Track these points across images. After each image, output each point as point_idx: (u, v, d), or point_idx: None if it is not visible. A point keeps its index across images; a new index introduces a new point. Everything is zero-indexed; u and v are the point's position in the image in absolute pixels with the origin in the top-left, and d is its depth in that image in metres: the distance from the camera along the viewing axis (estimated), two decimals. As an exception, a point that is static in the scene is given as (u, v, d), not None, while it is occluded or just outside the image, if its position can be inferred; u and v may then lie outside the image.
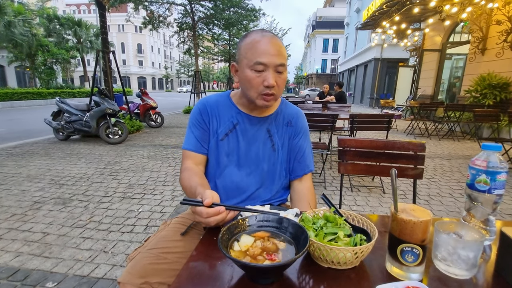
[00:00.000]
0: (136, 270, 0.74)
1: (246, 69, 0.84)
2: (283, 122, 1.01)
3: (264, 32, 0.86)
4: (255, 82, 0.84)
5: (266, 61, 0.81)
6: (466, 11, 6.18)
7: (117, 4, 8.68)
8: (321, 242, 0.56)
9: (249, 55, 0.83)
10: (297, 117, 1.04)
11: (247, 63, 0.83)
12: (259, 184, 0.97)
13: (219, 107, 0.98)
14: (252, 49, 0.83)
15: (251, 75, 0.84)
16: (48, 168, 3.59)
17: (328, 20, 37.34)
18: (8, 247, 1.83)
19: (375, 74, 17.19)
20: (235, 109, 0.97)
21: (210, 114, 0.97)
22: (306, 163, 1.03)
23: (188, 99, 12.17)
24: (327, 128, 3.11)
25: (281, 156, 1.00)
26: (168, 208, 2.46)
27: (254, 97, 0.87)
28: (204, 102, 1.00)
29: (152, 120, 7.22)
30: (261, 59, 0.81)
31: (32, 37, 17.33)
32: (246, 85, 0.87)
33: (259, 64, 0.82)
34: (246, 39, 0.86)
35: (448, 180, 3.38)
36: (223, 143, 0.96)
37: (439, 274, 0.55)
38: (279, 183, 1.01)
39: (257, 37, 0.84)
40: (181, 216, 0.99)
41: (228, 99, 1.00)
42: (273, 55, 0.82)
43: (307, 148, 1.04)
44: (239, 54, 0.87)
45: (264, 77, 0.83)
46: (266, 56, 0.81)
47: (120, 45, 47.82)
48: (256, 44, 0.82)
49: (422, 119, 6.82)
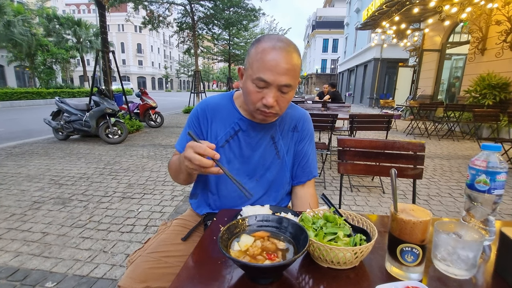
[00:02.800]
0: (136, 275, 0.73)
1: (248, 81, 0.77)
2: (289, 128, 0.96)
3: (278, 43, 0.74)
4: (254, 97, 0.77)
5: (269, 80, 0.73)
6: (466, 11, 6.19)
7: (117, 3, 8.66)
8: (321, 242, 0.56)
9: (255, 67, 0.75)
10: (303, 121, 0.99)
11: (251, 75, 0.76)
12: (263, 192, 0.94)
13: (221, 111, 0.92)
14: (259, 61, 0.74)
15: (251, 89, 0.77)
16: (47, 168, 3.59)
17: (328, 20, 37.33)
18: (7, 247, 1.82)
19: (374, 74, 17.20)
20: (237, 114, 0.91)
21: (209, 119, 0.91)
22: (310, 169, 0.98)
23: (188, 99, 12.17)
24: (326, 128, 3.11)
25: (286, 163, 0.95)
26: (168, 208, 2.46)
27: (252, 110, 0.82)
28: (204, 106, 0.93)
29: (152, 120, 7.22)
30: (264, 76, 0.73)
31: (31, 37, 17.30)
32: (245, 97, 0.82)
33: (261, 81, 0.74)
34: (258, 44, 0.76)
35: (447, 180, 3.38)
36: (224, 149, 0.90)
37: (439, 274, 0.55)
38: (283, 191, 0.98)
39: (268, 47, 0.73)
40: (181, 218, 0.98)
41: (230, 102, 0.93)
42: (279, 74, 0.72)
43: (311, 154, 0.99)
44: (247, 61, 0.79)
45: (264, 95, 0.76)
46: (271, 73, 0.72)
47: (120, 45, 47.79)
48: (264, 56, 0.73)
49: (422, 119, 6.83)
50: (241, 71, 0.84)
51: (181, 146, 0.93)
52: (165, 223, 0.97)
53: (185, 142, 0.91)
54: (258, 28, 20.57)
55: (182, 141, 0.94)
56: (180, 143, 0.95)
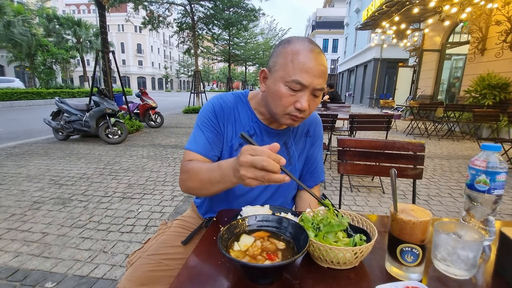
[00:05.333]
0: (136, 277, 0.73)
1: (280, 83, 0.72)
2: (302, 133, 0.94)
3: (311, 45, 0.71)
4: (286, 100, 0.72)
5: (306, 82, 0.69)
6: (466, 11, 6.20)
7: (116, 4, 8.66)
8: (321, 242, 0.56)
9: (288, 68, 0.70)
10: (315, 124, 0.97)
11: (283, 77, 0.71)
12: (268, 197, 0.91)
13: (237, 112, 0.86)
14: (293, 62, 0.70)
15: (284, 92, 0.72)
16: (47, 168, 3.59)
17: (328, 20, 37.34)
18: (7, 247, 1.82)
19: (374, 74, 17.21)
20: (253, 117, 0.87)
21: (226, 118, 0.85)
22: (318, 173, 0.97)
23: (188, 99, 12.17)
24: (326, 128, 3.11)
25: (296, 169, 0.94)
26: (168, 208, 2.46)
27: (280, 115, 0.76)
28: (221, 102, 0.86)
29: (152, 120, 7.22)
30: (301, 79, 0.69)
31: (31, 37, 17.30)
32: (274, 100, 0.75)
33: (298, 84, 0.70)
34: (287, 46, 0.72)
35: (447, 180, 3.38)
36: (236, 153, 0.83)
37: (439, 274, 0.55)
38: (290, 196, 0.97)
39: (301, 49, 0.70)
40: (181, 219, 0.98)
41: (246, 103, 0.88)
42: (315, 77, 0.70)
43: (320, 158, 0.98)
44: (275, 62, 0.74)
45: (298, 98, 0.72)
46: (308, 75, 0.69)
47: (120, 45, 47.79)
48: (299, 58, 0.69)
49: (422, 119, 6.83)
50: (265, 73, 0.78)
51: (196, 146, 0.82)
52: (165, 223, 0.97)
53: (202, 141, 0.82)
54: (258, 28, 20.57)
55: (196, 140, 0.83)
56: (194, 142, 0.82)
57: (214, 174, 0.66)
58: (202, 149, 0.81)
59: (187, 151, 0.82)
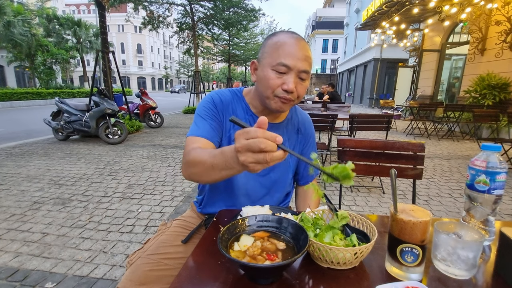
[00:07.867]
0: (136, 277, 0.73)
1: (267, 68, 0.79)
2: (293, 130, 0.98)
3: (294, 34, 0.80)
4: (273, 82, 0.78)
5: (290, 64, 0.76)
6: (466, 11, 6.20)
7: (116, 4, 8.67)
8: (321, 242, 0.56)
9: (274, 55, 0.78)
10: (306, 122, 1.02)
11: (270, 62, 0.78)
12: (265, 191, 0.95)
13: (233, 106, 0.91)
14: (278, 49, 0.77)
15: (271, 75, 0.78)
16: (47, 168, 3.59)
17: (328, 20, 37.34)
18: (7, 247, 1.82)
19: (374, 74, 17.21)
20: (247, 110, 0.92)
21: (224, 109, 0.90)
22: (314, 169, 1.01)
23: (188, 99, 12.17)
24: (326, 128, 3.11)
25: (290, 165, 0.97)
26: (168, 208, 2.46)
27: (270, 98, 0.81)
28: (219, 95, 0.91)
29: (152, 120, 7.22)
30: (285, 61, 0.76)
31: (31, 37, 17.29)
32: (263, 84, 0.81)
33: (283, 66, 0.76)
34: (273, 37, 0.81)
35: (447, 180, 3.38)
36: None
37: (439, 274, 0.55)
38: (285, 192, 1.00)
39: (285, 38, 0.79)
40: (181, 219, 0.98)
41: (241, 98, 0.94)
42: (299, 59, 0.77)
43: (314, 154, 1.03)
44: (263, 52, 0.82)
45: (285, 80, 0.78)
46: (291, 58, 0.76)
47: (120, 45, 47.80)
48: (283, 45, 0.77)
49: (422, 120, 6.83)
50: (255, 64, 0.85)
51: (201, 131, 0.83)
52: (165, 223, 0.97)
53: (206, 127, 0.84)
54: (258, 29, 20.59)
55: (199, 127, 0.84)
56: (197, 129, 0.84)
57: (217, 160, 0.63)
58: (207, 133, 0.83)
59: (190, 137, 0.83)
